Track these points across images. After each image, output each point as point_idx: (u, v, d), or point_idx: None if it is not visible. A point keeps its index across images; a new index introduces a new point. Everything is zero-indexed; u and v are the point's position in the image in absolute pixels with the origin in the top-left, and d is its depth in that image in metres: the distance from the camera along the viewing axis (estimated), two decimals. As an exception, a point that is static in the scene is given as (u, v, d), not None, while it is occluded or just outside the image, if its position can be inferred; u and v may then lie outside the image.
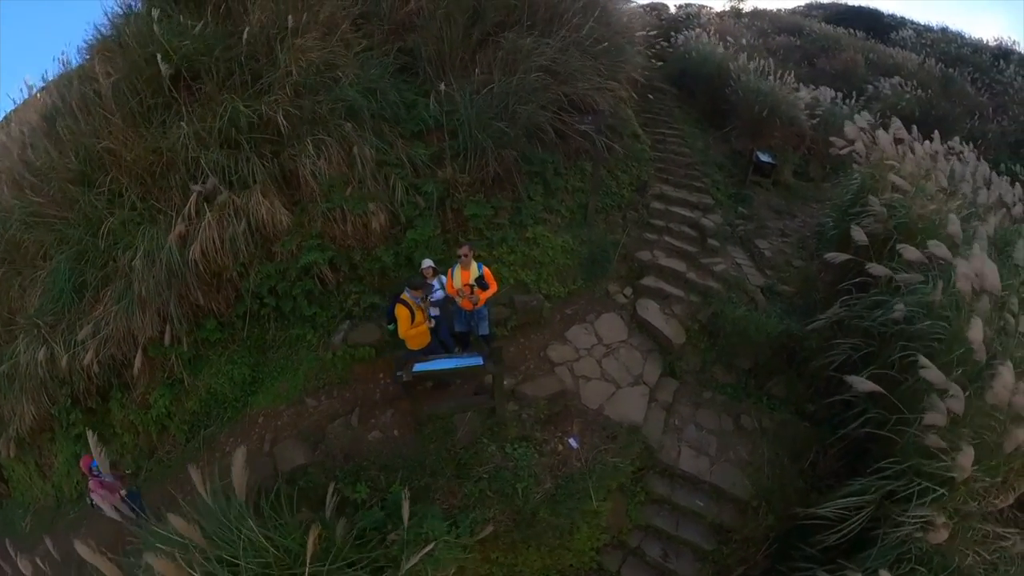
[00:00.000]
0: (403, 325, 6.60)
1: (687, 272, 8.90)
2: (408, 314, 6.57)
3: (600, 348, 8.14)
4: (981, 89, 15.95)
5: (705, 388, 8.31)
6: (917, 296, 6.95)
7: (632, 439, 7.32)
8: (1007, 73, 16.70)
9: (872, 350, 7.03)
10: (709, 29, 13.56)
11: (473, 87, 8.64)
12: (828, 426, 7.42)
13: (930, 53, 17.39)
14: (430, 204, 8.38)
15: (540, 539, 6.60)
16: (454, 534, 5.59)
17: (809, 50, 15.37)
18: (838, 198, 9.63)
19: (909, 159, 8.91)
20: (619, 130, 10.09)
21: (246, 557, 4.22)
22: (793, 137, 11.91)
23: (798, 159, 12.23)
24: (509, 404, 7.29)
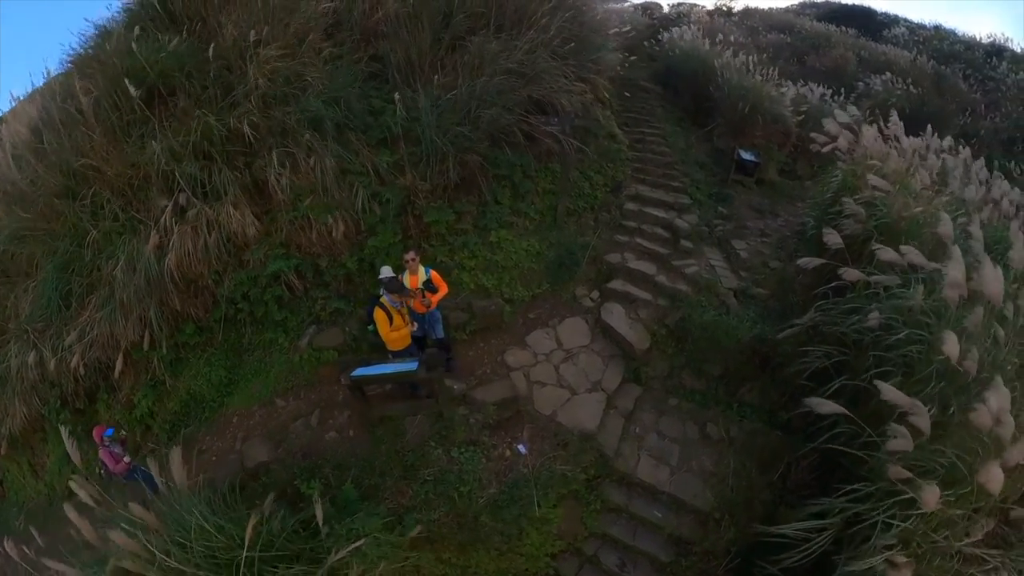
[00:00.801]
0: (382, 328, 6.29)
1: (656, 275, 7.98)
2: (385, 317, 6.23)
3: (559, 353, 7.35)
4: (974, 86, 14.56)
5: (671, 395, 7.45)
6: (896, 302, 5.95)
7: (584, 447, 6.65)
8: (1000, 70, 15.13)
9: (847, 359, 6.09)
10: (696, 27, 12.25)
11: (436, 92, 7.81)
12: (802, 436, 6.42)
13: (922, 50, 15.81)
14: (389, 212, 7.69)
15: (487, 542, 6.10)
16: (395, 532, 5.36)
17: (799, 48, 13.92)
18: (818, 196, 8.44)
19: (893, 156, 7.67)
20: (593, 131, 9.15)
21: (196, 540, 4.35)
22: (778, 135, 10.70)
23: (784, 157, 10.95)
24: (459, 408, 6.78)
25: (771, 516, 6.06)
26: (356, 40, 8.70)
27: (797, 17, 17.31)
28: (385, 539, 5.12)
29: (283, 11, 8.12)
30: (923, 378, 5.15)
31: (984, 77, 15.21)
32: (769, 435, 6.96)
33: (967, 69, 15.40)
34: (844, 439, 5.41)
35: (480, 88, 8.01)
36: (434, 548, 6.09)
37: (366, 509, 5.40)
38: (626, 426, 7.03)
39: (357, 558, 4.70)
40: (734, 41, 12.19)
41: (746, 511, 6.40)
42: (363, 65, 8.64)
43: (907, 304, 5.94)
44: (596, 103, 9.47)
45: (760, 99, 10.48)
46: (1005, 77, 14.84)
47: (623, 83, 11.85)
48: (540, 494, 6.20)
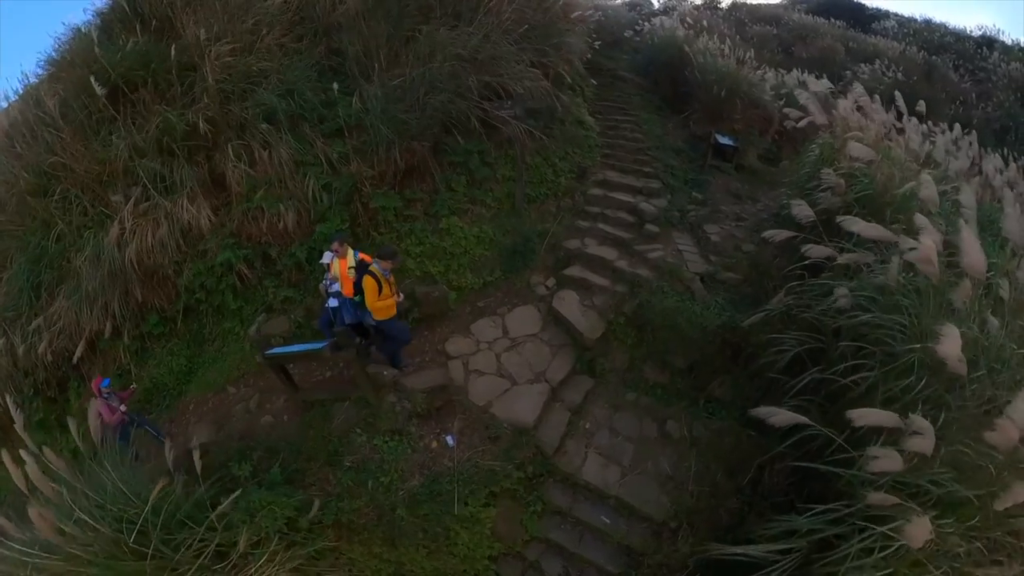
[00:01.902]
0: (370, 296, 5.38)
1: (616, 260, 6.64)
2: (375, 285, 5.35)
3: (504, 342, 6.13)
4: (964, 76, 12.74)
5: (629, 388, 6.12)
6: (872, 279, 4.61)
7: (519, 442, 5.48)
8: (991, 60, 13.20)
9: (823, 347, 4.73)
10: (678, 17, 10.70)
11: (384, 82, 6.77)
12: (777, 436, 4.92)
13: (912, 41, 13.79)
14: (337, 200, 6.67)
15: (411, 538, 5.01)
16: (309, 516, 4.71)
17: (786, 39, 12.18)
18: (794, 173, 6.83)
19: (872, 127, 6.03)
20: (558, 116, 7.84)
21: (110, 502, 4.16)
22: (759, 120, 9.12)
23: (768, 144, 9.22)
24: (389, 396, 5.75)
25: (738, 526, 4.75)
26: (318, 34, 7.79)
27: (786, 11, 15.36)
28: (281, 513, 4.47)
29: (239, 8, 7.26)
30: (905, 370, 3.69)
31: (975, 68, 13.30)
32: (739, 435, 5.51)
33: (958, 60, 13.54)
34: (819, 445, 4.03)
35: (428, 75, 6.87)
36: (362, 540, 5.09)
37: (285, 492, 4.81)
38: (573, 421, 5.72)
39: (248, 527, 4.24)
40: (718, 31, 10.49)
41: (708, 521, 5.09)
42: (324, 59, 7.74)
43: (881, 282, 4.39)
44: (564, 89, 8.12)
45: (737, 83, 8.96)
46: (996, 67, 12.95)
47: (602, 73, 10.58)
48: (465, 491, 5.11)
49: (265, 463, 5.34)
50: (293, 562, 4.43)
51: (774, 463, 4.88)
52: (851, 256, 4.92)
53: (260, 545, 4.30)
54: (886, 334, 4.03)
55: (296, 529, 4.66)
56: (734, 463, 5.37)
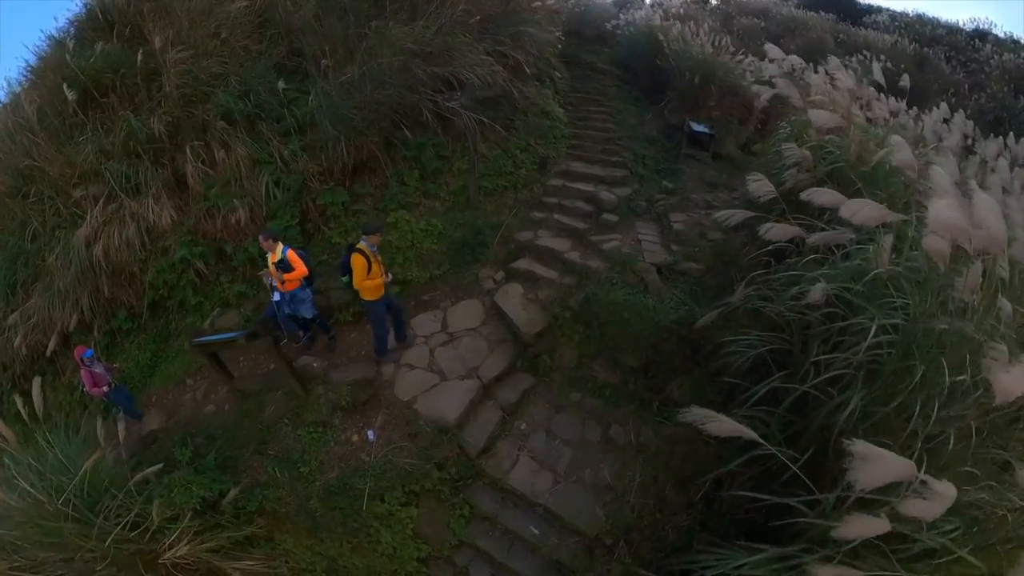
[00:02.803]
0: (358, 274, 5.00)
1: (567, 252, 6.01)
2: (364, 263, 4.97)
3: (441, 336, 5.62)
4: (957, 68, 11.85)
5: (575, 388, 5.43)
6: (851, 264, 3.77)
7: (439, 440, 4.95)
8: (984, 52, 12.31)
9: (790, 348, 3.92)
10: (656, 7, 9.91)
11: (333, 80, 6.45)
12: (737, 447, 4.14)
13: (904, 34, 12.71)
14: (288, 196, 6.33)
15: (331, 532, 4.67)
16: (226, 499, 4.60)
17: (774, 31, 11.16)
18: (765, 154, 6.01)
19: (841, 96, 5.17)
20: (521, 107, 7.26)
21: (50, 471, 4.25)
22: (738, 108, 8.28)
23: (750, 132, 8.29)
24: (318, 388, 5.42)
25: (686, 548, 4.05)
26: (280, 36, 7.50)
27: (775, 5, 14.22)
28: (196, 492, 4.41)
29: (202, 14, 7.10)
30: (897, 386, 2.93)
31: (967, 59, 12.36)
32: (695, 443, 4.69)
33: (950, 52, 12.57)
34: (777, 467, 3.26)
35: (376, 71, 6.47)
36: (288, 530, 4.80)
37: (214, 476, 4.77)
38: (507, 421, 5.15)
39: (163, 500, 4.25)
40: (696, 20, 9.61)
41: (651, 539, 4.44)
42: (285, 59, 7.47)
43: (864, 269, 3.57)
44: (528, 80, 7.55)
45: (712, 69, 8.10)
46: (989, 59, 12.04)
47: (580, 66, 9.92)
48: (382, 488, 4.68)
49: (204, 449, 5.25)
50: (212, 543, 4.33)
51: (734, 477, 4.12)
52: (824, 236, 4.11)
53: (176, 521, 4.25)
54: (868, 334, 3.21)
55: (220, 512, 4.54)
56: (686, 475, 4.65)
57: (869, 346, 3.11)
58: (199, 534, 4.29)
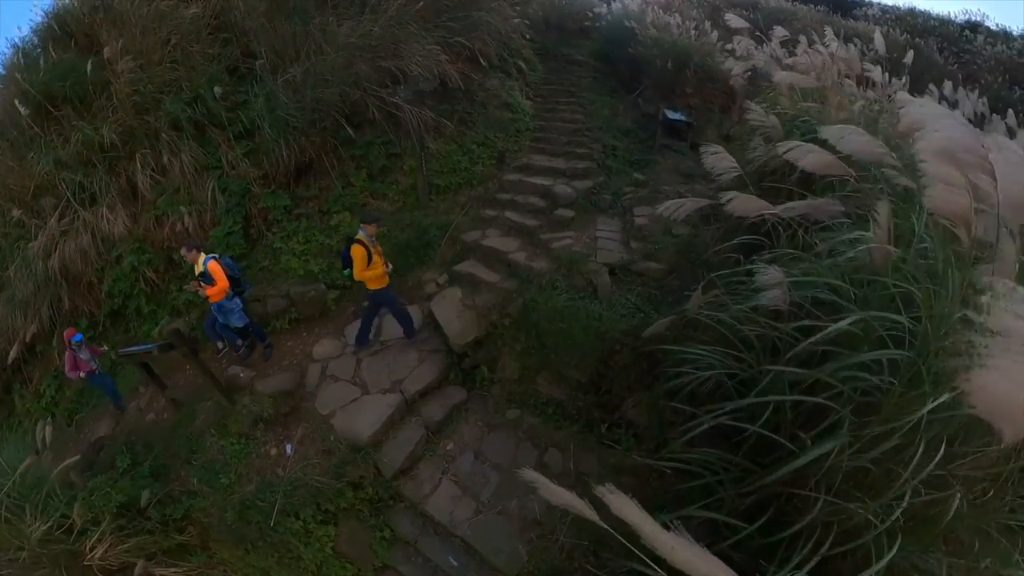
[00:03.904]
0: (359, 265, 4.65)
1: (513, 252, 5.25)
2: (364, 253, 4.64)
3: (373, 345, 4.78)
4: (949, 58, 10.92)
5: (515, 404, 4.60)
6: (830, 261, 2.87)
7: (352, 458, 4.36)
8: (976, 43, 11.67)
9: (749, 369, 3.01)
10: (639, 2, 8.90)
11: (270, 82, 5.89)
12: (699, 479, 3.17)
13: (895, 25, 12.09)
14: (232, 202, 5.80)
15: (253, 544, 4.22)
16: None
17: (762, 23, 10.06)
18: (740, 137, 5.06)
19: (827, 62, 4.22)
20: (480, 100, 6.51)
21: None
22: (718, 95, 7.27)
23: (734, 121, 7.22)
24: (244, 398, 4.95)
25: None
26: (234, 39, 7.00)
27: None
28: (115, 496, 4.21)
29: (154, 20, 6.69)
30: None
31: (960, 50, 11.55)
32: (644, 475, 3.87)
33: (942, 43, 11.70)
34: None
35: (316, 69, 5.86)
36: (220, 542, 4.44)
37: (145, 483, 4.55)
38: (432, 440, 4.41)
39: (84, 503, 4.12)
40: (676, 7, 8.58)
41: None
42: (239, 62, 6.94)
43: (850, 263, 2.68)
44: (490, 72, 6.79)
45: (687, 54, 7.10)
46: (982, 50, 11.37)
47: (557, 58, 9.08)
48: (295, 504, 4.20)
49: (142, 456, 5.01)
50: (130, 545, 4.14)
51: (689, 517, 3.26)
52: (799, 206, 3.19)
53: (96, 523, 4.12)
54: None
55: (146, 517, 4.34)
56: None
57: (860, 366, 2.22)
58: (122, 538, 4.13)
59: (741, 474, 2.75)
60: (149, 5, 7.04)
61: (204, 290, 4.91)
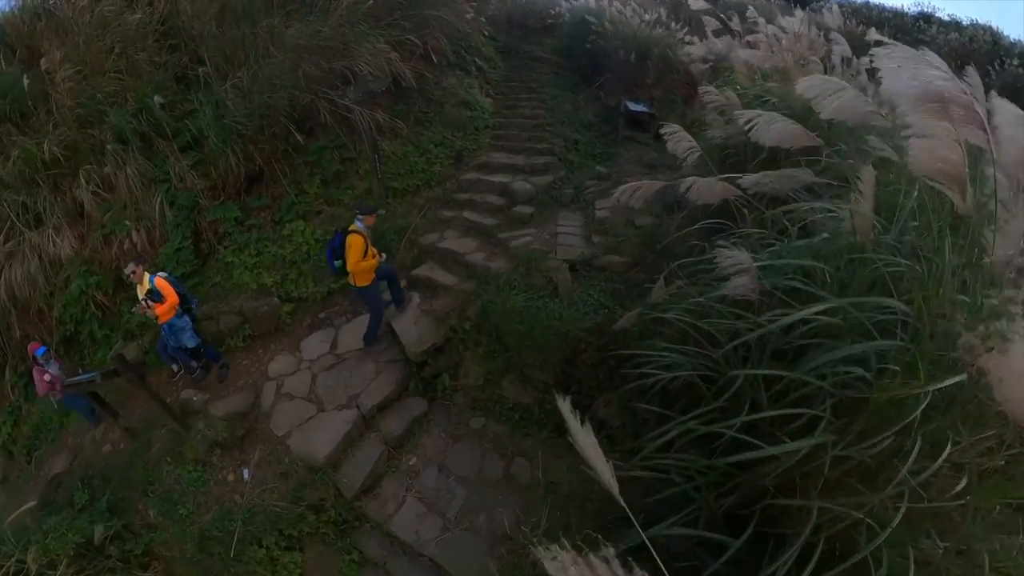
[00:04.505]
0: (354, 256, 4.31)
1: (470, 253, 4.92)
2: (363, 243, 4.32)
3: (328, 359, 4.62)
4: None
5: (479, 412, 4.25)
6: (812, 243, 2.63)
7: (310, 480, 4.03)
8: (930, 33, 11.91)
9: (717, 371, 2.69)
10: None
11: (216, 88, 5.48)
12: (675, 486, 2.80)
13: (851, 17, 11.87)
14: (181, 216, 5.37)
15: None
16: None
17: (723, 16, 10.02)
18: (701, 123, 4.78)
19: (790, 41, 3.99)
20: (436, 99, 6.16)
21: None
22: (680, 86, 7.01)
23: (697, 111, 6.95)
24: (199, 423, 4.58)
25: None
26: (182, 45, 6.55)
27: None
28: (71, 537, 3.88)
29: (97, 28, 6.22)
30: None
31: (914, 40, 10.87)
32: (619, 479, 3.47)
33: (897, 33, 11.67)
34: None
35: (262, 73, 5.46)
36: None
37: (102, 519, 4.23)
38: (394, 456, 4.08)
39: (39, 547, 3.82)
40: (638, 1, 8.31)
41: None
42: (188, 69, 6.49)
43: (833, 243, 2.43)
44: (447, 70, 6.43)
45: (648, 45, 6.86)
46: (935, 39, 11.58)
47: (519, 55, 8.76)
48: (256, 532, 3.87)
49: (100, 491, 4.68)
50: None
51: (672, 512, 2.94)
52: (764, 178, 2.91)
53: (54, 567, 3.82)
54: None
55: (106, 555, 4.01)
56: (608, 520, 3.48)
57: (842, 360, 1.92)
58: (67, 576, 3.83)
59: (720, 477, 2.46)
60: (92, 12, 6.59)
61: (153, 309, 4.51)
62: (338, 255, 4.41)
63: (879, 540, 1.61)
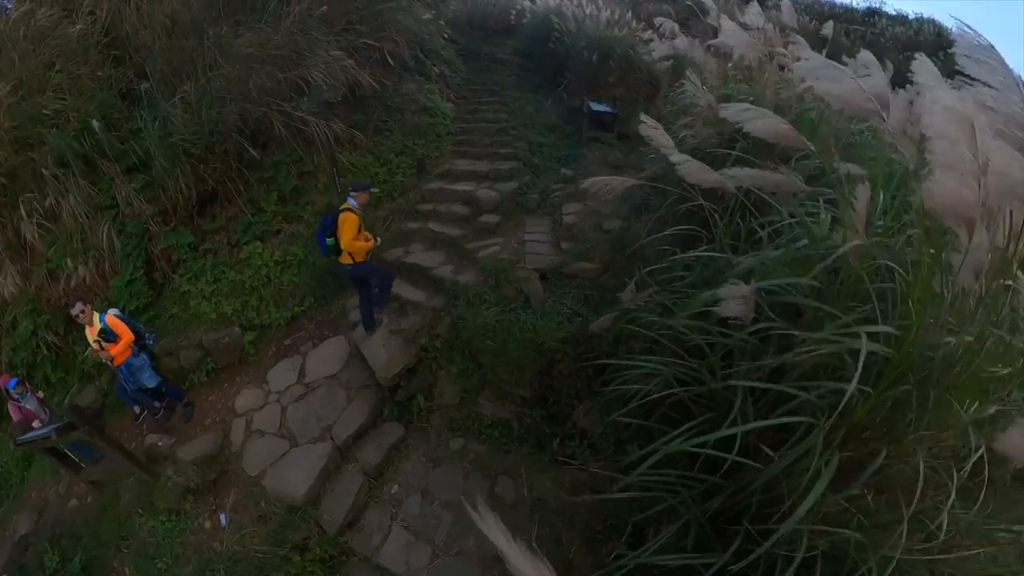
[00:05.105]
0: (347, 233, 4.02)
1: (438, 267, 4.64)
2: (357, 221, 4.07)
3: (297, 389, 4.26)
4: (855, 41, 11.55)
5: (458, 432, 4.00)
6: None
7: (292, 520, 3.71)
8: (879, 26, 12.61)
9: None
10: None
11: (159, 103, 4.97)
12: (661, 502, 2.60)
13: (803, 13, 12.24)
14: (131, 245, 4.88)
15: None
16: None
17: (681, 14, 10.02)
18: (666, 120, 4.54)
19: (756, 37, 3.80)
20: (395, 106, 5.78)
21: None
22: (643, 85, 6.84)
23: (660, 109, 6.78)
24: (167, 469, 4.17)
25: None
26: (128, 58, 6.03)
27: None
28: None
29: (34, 41, 5.63)
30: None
31: (864, 34, 12.38)
32: (604, 489, 3.31)
33: (848, 26, 12.45)
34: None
35: (210, 87, 4.98)
36: None
37: None
38: (374, 486, 3.83)
39: None
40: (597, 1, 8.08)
41: None
42: (134, 84, 5.93)
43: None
44: (407, 75, 6.05)
45: (610, 45, 6.68)
46: (884, 31, 12.25)
47: (480, 58, 8.44)
48: None
49: (71, 551, 4.32)
50: None
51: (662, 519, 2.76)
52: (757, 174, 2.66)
53: None
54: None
55: None
56: (596, 531, 3.31)
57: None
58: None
59: (710, 488, 2.30)
60: (28, 24, 5.94)
61: (108, 350, 4.08)
62: (329, 232, 4.13)
63: None
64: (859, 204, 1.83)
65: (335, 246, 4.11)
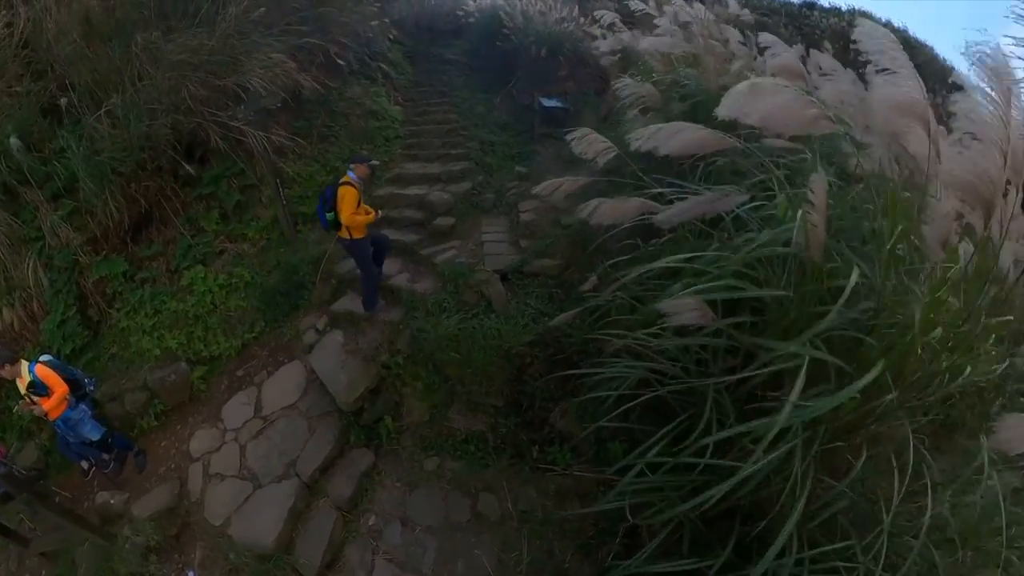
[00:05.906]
0: (347, 208, 3.74)
1: (393, 276, 4.30)
2: (356, 195, 3.79)
3: (255, 424, 3.81)
4: (793, 33, 12.09)
5: (432, 451, 3.64)
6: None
7: (264, 570, 3.26)
8: (814, 17, 13.32)
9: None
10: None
11: (85, 119, 4.32)
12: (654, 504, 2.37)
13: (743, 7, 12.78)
14: (61, 280, 4.23)
15: None
16: None
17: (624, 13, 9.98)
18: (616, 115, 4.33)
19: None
20: (340, 111, 5.29)
21: None
22: (592, 79, 6.65)
23: (611, 103, 6.53)
24: (124, 529, 3.61)
25: None
26: (49, 70, 5.27)
27: None
28: None
29: None
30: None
31: (801, 25, 13.06)
32: (591, 492, 3.22)
33: (786, 20, 13.11)
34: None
35: (137, 98, 4.35)
36: None
37: None
38: (350, 520, 3.39)
39: None
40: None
41: None
42: (55, 99, 5.16)
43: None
44: (351, 79, 5.53)
45: (559, 40, 6.45)
46: (819, 23, 12.97)
47: (429, 59, 8.04)
48: None
49: None
50: None
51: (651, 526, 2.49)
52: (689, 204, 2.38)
53: None
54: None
55: None
56: (589, 532, 3.05)
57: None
58: None
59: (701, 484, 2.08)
60: None
61: (40, 405, 3.52)
62: (329, 207, 3.84)
63: None
64: (817, 197, 1.59)
65: (335, 221, 3.84)
